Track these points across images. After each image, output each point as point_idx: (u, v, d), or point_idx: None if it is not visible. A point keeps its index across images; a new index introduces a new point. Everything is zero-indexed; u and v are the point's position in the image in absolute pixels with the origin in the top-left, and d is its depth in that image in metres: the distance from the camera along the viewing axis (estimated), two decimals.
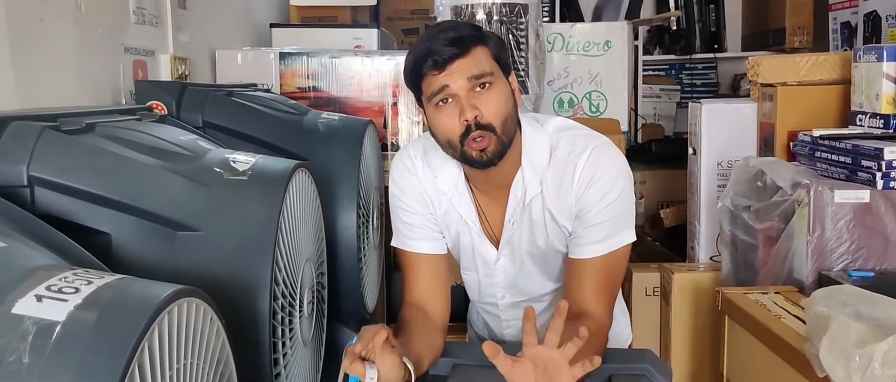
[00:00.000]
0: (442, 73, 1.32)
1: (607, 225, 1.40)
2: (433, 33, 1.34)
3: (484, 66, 1.33)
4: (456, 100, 1.33)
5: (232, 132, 1.58)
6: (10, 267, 0.75)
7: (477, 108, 1.32)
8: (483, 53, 1.34)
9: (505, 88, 1.37)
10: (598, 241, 1.40)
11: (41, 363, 0.64)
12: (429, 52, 1.32)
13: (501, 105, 1.35)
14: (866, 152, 1.78)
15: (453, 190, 1.48)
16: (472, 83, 1.32)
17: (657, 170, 3.20)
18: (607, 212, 1.40)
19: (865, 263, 1.80)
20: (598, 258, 1.41)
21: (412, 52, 1.36)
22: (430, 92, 1.34)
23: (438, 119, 1.36)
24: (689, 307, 2.20)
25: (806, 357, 1.38)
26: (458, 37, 1.32)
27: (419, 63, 1.33)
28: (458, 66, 1.31)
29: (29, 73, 1.35)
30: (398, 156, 1.55)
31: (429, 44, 1.32)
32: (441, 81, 1.32)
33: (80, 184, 1.04)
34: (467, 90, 1.32)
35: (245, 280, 1.07)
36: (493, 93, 1.34)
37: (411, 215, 1.51)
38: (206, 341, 0.81)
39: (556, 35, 2.84)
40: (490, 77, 1.33)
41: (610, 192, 1.39)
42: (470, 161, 1.38)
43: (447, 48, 1.31)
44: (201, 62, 2.21)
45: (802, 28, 3.72)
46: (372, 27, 2.81)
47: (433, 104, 1.35)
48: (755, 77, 2.28)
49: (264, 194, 1.14)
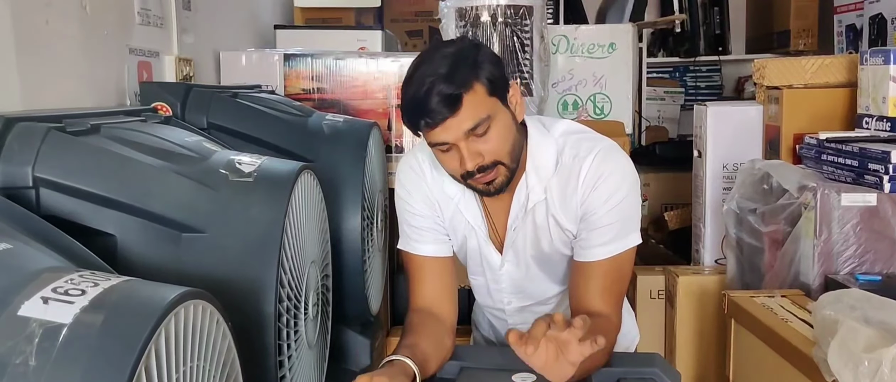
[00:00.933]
0: (437, 129, 1.30)
1: (613, 228, 1.40)
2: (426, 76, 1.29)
3: (479, 114, 1.30)
4: (455, 148, 1.32)
5: (237, 134, 1.57)
6: (15, 268, 0.74)
7: (479, 154, 1.32)
8: (476, 98, 1.30)
9: (505, 120, 1.35)
10: (604, 244, 1.40)
11: (47, 365, 0.63)
12: (422, 111, 1.29)
13: (503, 140, 1.34)
14: (873, 155, 1.77)
15: (460, 194, 1.48)
16: (469, 134, 1.31)
17: (661, 173, 3.19)
18: (613, 215, 1.39)
19: (872, 267, 1.79)
20: (604, 261, 1.40)
21: (407, 93, 1.32)
22: (429, 141, 1.34)
23: (442, 159, 1.37)
24: (694, 310, 2.19)
25: (814, 362, 1.37)
26: (449, 95, 1.27)
27: (414, 118, 1.32)
28: (452, 124, 1.29)
29: (34, 75, 1.35)
30: (405, 159, 1.54)
31: (421, 98, 1.28)
32: (438, 137, 1.31)
33: (86, 186, 1.04)
34: (465, 140, 1.31)
35: (250, 282, 1.06)
36: (492, 134, 1.32)
37: (418, 218, 1.51)
38: (212, 343, 0.80)
39: (561, 37, 2.84)
40: (487, 122, 1.31)
41: (615, 194, 1.39)
42: (477, 191, 1.40)
43: (440, 110, 1.28)
44: (206, 63, 2.20)
45: (807, 30, 3.72)
46: (376, 29, 2.81)
47: (435, 148, 1.36)
48: (761, 80, 2.27)
49: (270, 196, 1.13)
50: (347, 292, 1.61)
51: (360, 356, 1.71)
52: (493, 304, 1.62)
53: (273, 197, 1.13)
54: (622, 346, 1.66)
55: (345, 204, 1.59)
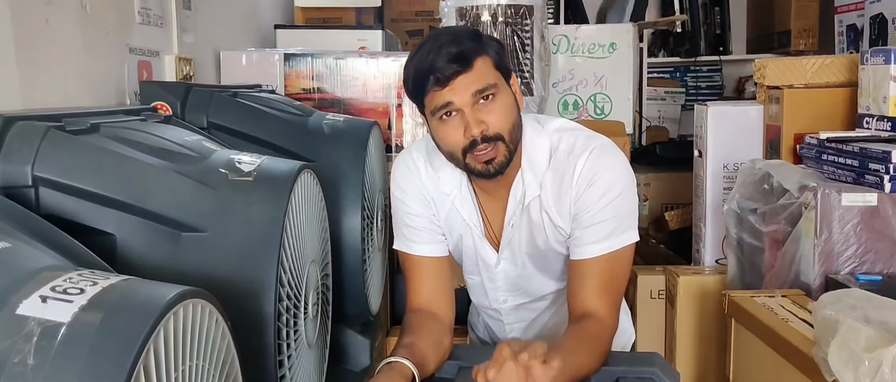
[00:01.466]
0: (445, 89, 1.30)
1: (608, 225, 1.39)
2: (434, 46, 1.31)
3: (487, 79, 1.31)
4: (461, 114, 1.31)
5: (237, 133, 1.57)
6: (14, 267, 0.74)
7: (483, 122, 1.31)
8: (485, 64, 1.32)
9: (508, 96, 1.36)
10: (598, 241, 1.39)
11: (46, 364, 0.63)
12: (431, 68, 1.29)
13: (507, 114, 1.34)
14: (874, 155, 1.77)
15: (456, 191, 1.47)
16: (477, 97, 1.31)
17: (662, 173, 3.19)
18: (607, 212, 1.38)
19: (873, 267, 1.79)
20: (599, 258, 1.39)
21: (412, 63, 1.33)
22: (433, 106, 1.33)
23: (443, 131, 1.34)
24: (694, 310, 2.19)
25: (814, 362, 1.37)
26: (459, 52, 1.29)
27: (421, 79, 1.31)
28: (462, 82, 1.29)
29: (34, 74, 1.35)
30: (400, 158, 1.54)
31: (430, 59, 1.30)
32: (445, 97, 1.30)
33: (85, 185, 1.04)
34: (472, 104, 1.31)
35: (250, 281, 1.06)
36: (497, 104, 1.32)
37: (414, 217, 1.50)
38: (211, 342, 0.80)
39: (562, 37, 2.84)
40: (494, 89, 1.32)
41: (609, 191, 1.38)
42: (475, 173, 1.38)
43: (449, 65, 1.28)
44: (206, 63, 2.20)
45: (808, 30, 3.72)
46: (376, 28, 2.81)
47: (437, 117, 1.34)
48: (761, 79, 2.27)
49: (270, 195, 1.13)
50: (347, 291, 1.61)
51: (360, 355, 1.70)
52: (489, 304, 1.62)
53: (273, 196, 1.13)
54: (618, 345, 1.65)
55: (345, 203, 1.59)
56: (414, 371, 1.27)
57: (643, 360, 1.39)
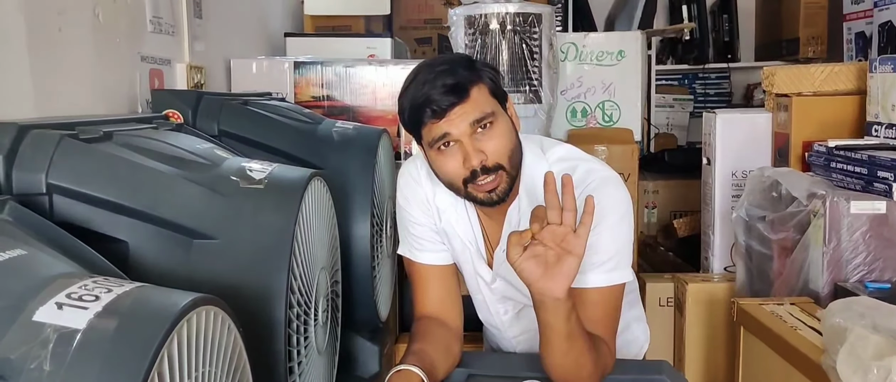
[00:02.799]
0: (442, 121, 1.28)
1: (601, 256, 1.32)
2: (428, 77, 1.28)
3: (484, 108, 1.29)
4: (459, 144, 1.29)
5: (247, 141, 1.58)
6: (30, 274, 0.75)
7: (482, 151, 1.29)
8: (481, 93, 1.30)
9: (506, 122, 1.33)
10: (589, 270, 1.32)
11: (62, 370, 0.64)
12: (427, 100, 1.27)
13: (506, 141, 1.31)
14: (882, 163, 1.77)
15: (451, 209, 1.45)
16: (474, 127, 1.28)
17: (670, 180, 3.19)
18: (602, 242, 1.31)
19: (882, 275, 1.79)
20: (589, 290, 1.33)
21: (407, 96, 1.31)
22: (430, 138, 1.31)
23: (441, 161, 1.32)
24: (703, 317, 2.19)
25: (823, 369, 1.37)
26: (455, 83, 1.27)
27: (417, 111, 1.29)
28: (459, 113, 1.27)
29: (47, 82, 1.36)
30: (405, 166, 1.53)
31: (426, 91, 1.27)
32: (442, 129, 1.28)
33: (98, 192, 1.05)
34: (470, 134, 1.28)
35: (261, 288, 1.07)
36: (495, 132, 1.30)
37: (418, 226, 1.50)
38: (224, 349, 0.81)
39: (570, 44, 2.85)
40: (491, 117, 1.29)
41: (607, 219, 1.31)
42: (476, 202, 1.35)
43: (445, 97, 1.26)
44: (216, 71, 2.22)
45: (816, 38, 3.71)
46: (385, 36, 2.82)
47: (435, 148, 1.32)
48: (770, 87, 2.27)
49: (280, 203, 1.14)
50: (357, 298, 1.61)
51: (369, 362, 1.71)
52: (492, 318, 1.61)
53: (283, 203, 1.14)
54: (631, 353, 1.65)
55: (354, 210, 1.59)
56: (423, 378, 1.27)
57: (652, 368, 1.39)
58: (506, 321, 1.58)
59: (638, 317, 1.69)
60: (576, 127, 2.84)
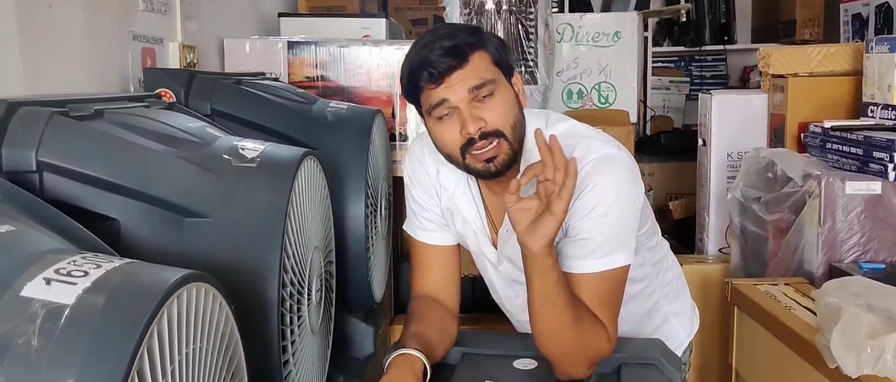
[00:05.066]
0: (440, 86, 1.24)
1: (593, 243, 1.28)
2: (428, 41, 1.26)
3: (484, 74, 1.25)
4: (457, 112, 1.26)
5: (240, 120, 1.57)
6: (18, 250, 0.75)
7: (481, 119, 1.25)
8: (482, 60, 1.26)
9: (509, 93, 1.30)
10: (583, 257, 1.28)
11: (50, 346, 0.63)
12: (424, 63, 1.24)
13: (507, 111, 1.28)
14: (878, 143, 1.77)
15: (454, 186, 1.43)
16: (473, 94, 1.25)
17: (666, 163, 3.19)
18: (594, 229, 1.27)
19: (876, 255, 1.79)
20: (584, 275, 1.28)
21: (407, 61, 1.28)
22: (428, 105, 1.27)
23: (439, 131, 1.29)
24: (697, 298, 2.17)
25: (817, 349, 1.37)
26: (453, 46, 1.23)
27: (415, 75, 1.26)
28: (457, 78, 1.24)
29: (37, 60, 1.35)
30: (412, 144, 1.51)
31: (424, 54, 1.24)
32: (440, 95, 1.25)
33: (89, 170, 1.04)
34: (468, 102, 1.25)
35: (254, 267, 1.06)
36: (496, 101, 1.26)
37: (421, 207, 1.49)
38: (215, 326, 0.81)
39: (566, 25, 2.83)
40: (491, 85, 1.26)
41: (598, 206, 1.26)
42: (474, 173, 1.32)
43: (443, 59, 1.23)
44: (209, 51, 2.20)
45: (813, 20, 3.70)
46: (380, 17, 2.80)
47: (433, 117, 1.29)
48: (766, 68, 2.27)
49: (273, 181, 1.13)
50: (351, 279, 1.61)
51: (364, 343, 1.71)
52: (502, 299, 1.59)
53: (276, 182, 1.13)
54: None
55: (348, 191, 1.59)
56: (425, 362, 1.27)
57: (645, 347, 1.39)
58: (518, 305, 1.54)
59: (680, 312, 1.60)
60: (572, 108, 2.83)
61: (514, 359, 1.33)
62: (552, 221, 1.17)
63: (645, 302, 1.51)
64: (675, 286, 1.59)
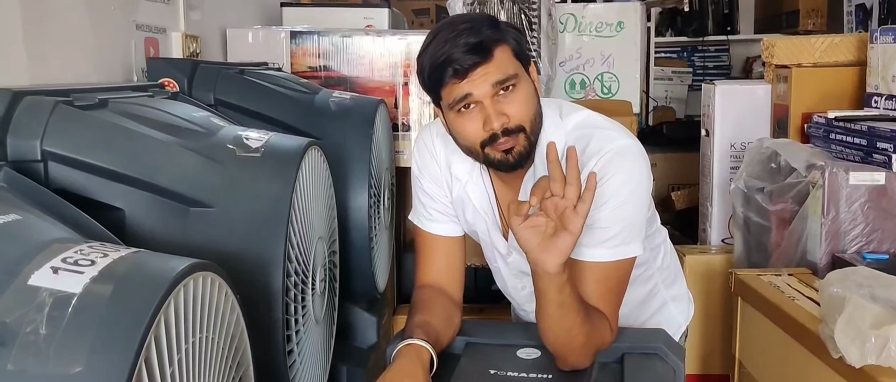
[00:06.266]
0: (464, 81, 1.23)
1: (609, 232, 1.28)
2: (450, 36, 1.24)
3: (507, 69, 1.25)
4: (480, 106, 1.25)
5: (244, 110, 1.57)
6: (25, 239, 0.75)
7: (504, 114, 1.25)
8: (505, 54, 1.26)
9: (529, 85, 1.30)
10: (596, 245, 1.29)
11: (58, 334, 0.64)
12: (448, 59, 1.23)
13: (528, 104, 1.28)
14: (882, 134, 1.77)
15: (468, 177, 1.43)
16: (497, 88, 1.24)
17: (669, 153, 3.19)
18: (610, 219, 1.28)
19: (880, 246, 1.79)
20: (595, 263, 1.29)
21: (427, 54, 1.26)
22: (451, 99, 1.26)
23: (460, 124, 1.28)
24: (701, 289, 2.19)
25: (820, 339, 1.37)
26: (479, 42, 1.22)
27: (438, 70, 1.24)
28: (481, 73, 1.23)
29: (41, 50, 1.35)
30: (421, 134, 1.50)
31: (447, 49, 1.23)
32: (464, 90, 1.24)
33: (94, 160, 1.04)
34: (491, 96, 1.24)
35: (258, 256, 1.07)
36: (518, 95, 1.26)
37: (429, 198, 1.48)
38: (221, 315, 0.81)
39: (569, 15, 2.83)
40: (514, 79, 1.25)
41: (615, 196, 1.27)
42: (494, 165, 1.32)
43: (468, 56, 1.22)
44: (212, 41, 2.20)
45: (816, 10, 3.69)
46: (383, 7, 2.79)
47: (455, 110, 1.28)
48: (769, 58, 2.26)
49: (277, 171, 1.13)
50: (354, 269, 1.61)
51: (367, 333, 1.71)
52: (509, 289, 1.59)
53: (280, 172, 1.13)
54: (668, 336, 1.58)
55: (352, 181, 1.59)
56: (432, 352, 1.27)
57: (648, 336, 1.39)
58: (524, 296, 1.55)
59: (677, 297, 1.61)
60: (574, 98, 2.82)
61: (518, 349, 1.34)
62: (568, 239, 1.14)
63: (643, 286, 1.52)
64: (672, 270, 1.61)
